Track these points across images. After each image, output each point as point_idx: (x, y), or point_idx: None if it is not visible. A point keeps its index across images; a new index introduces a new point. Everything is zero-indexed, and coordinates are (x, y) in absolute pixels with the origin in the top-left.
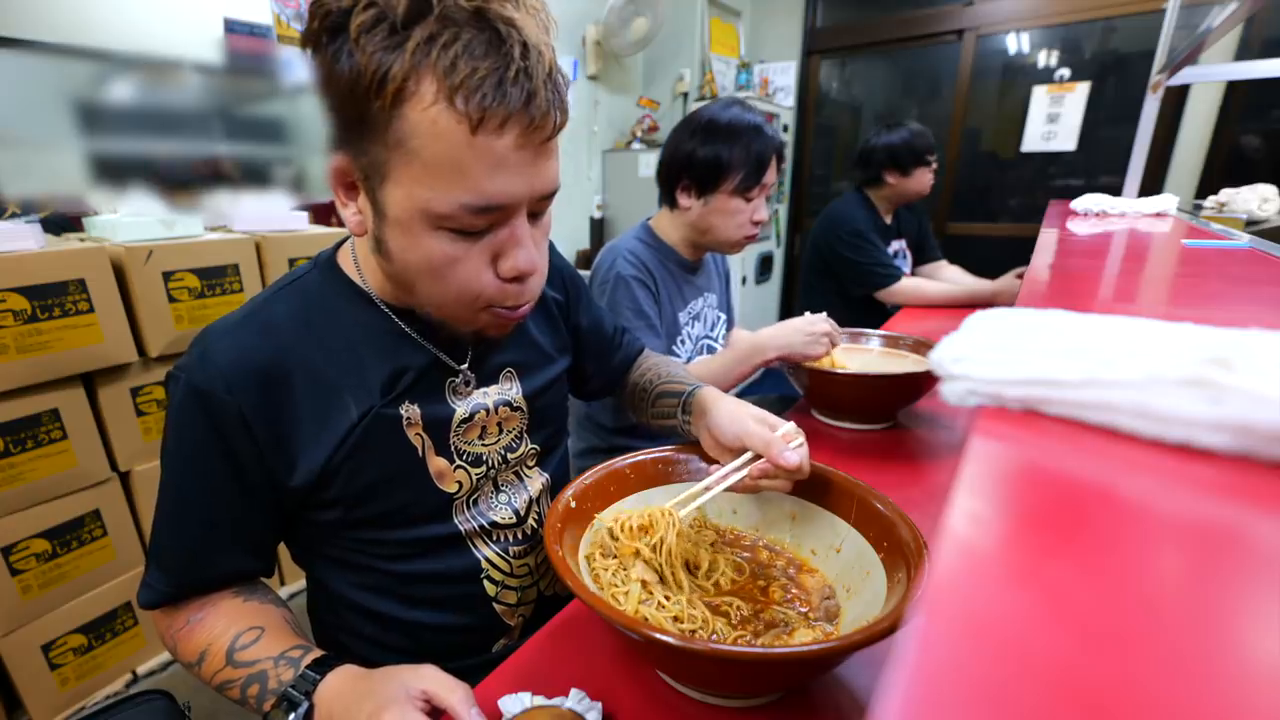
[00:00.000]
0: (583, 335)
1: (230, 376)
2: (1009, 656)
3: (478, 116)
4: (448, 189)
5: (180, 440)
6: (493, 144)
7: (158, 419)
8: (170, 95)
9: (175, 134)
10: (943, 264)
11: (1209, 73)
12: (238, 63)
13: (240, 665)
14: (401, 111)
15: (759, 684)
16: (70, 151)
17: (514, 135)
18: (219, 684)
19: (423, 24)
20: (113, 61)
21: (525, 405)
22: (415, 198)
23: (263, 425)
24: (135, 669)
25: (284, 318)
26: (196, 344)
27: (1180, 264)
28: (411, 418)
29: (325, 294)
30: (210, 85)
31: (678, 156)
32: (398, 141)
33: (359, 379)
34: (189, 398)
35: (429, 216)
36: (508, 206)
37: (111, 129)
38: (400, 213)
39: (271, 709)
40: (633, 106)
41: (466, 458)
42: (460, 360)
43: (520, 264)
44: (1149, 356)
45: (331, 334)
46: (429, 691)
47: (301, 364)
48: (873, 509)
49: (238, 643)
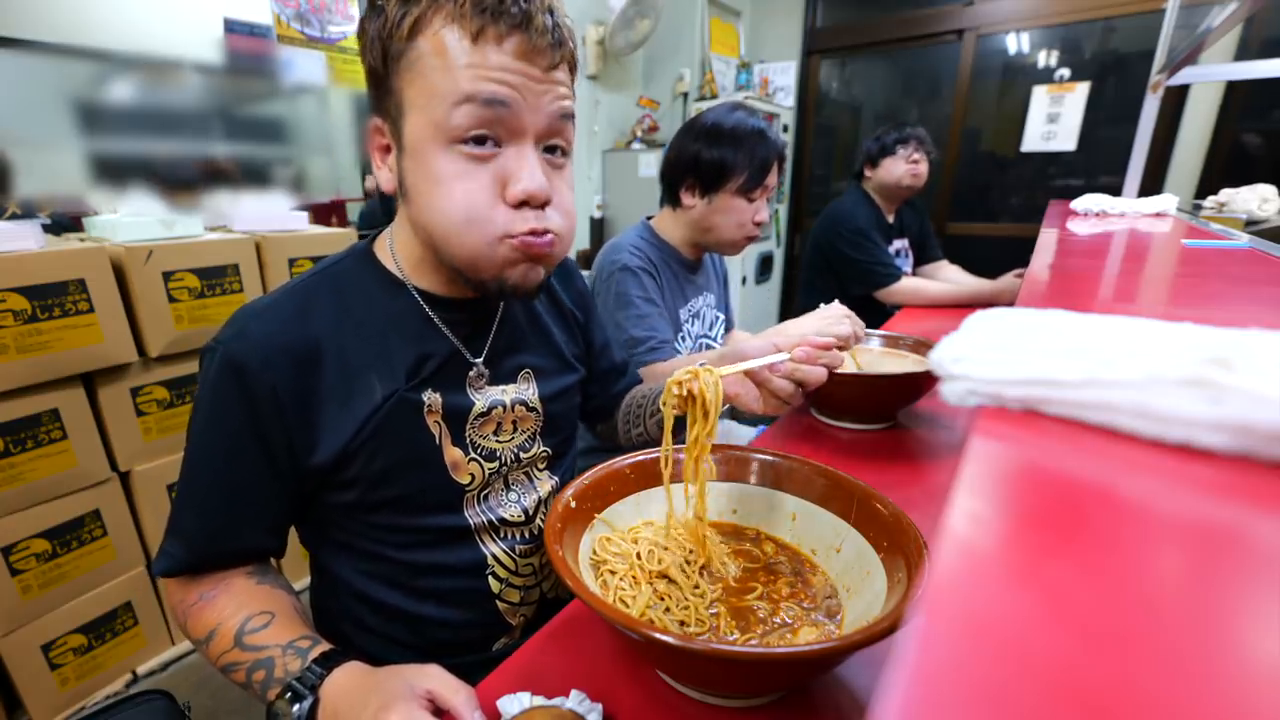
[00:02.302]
0: (594, 355)
1: (267, 353)
2: (1009, 656)
3: (477, 28)
4: (451, 94)
5: (212, 412)
6: (492, 53)
7: (158, 419)
8: (170, 95)
9: (175, 134)
10: (943, 264)
11: (1209, 73)
12: (238, 63)
13: (248, 649)
14: (416, 41)
15: (759, 684)
16: (70, 151)
17: (512, 46)
18: (224, 665)
19: None
20: (113, 61)
21: (541, 407)
22: (427, 116)
23: (293, 403)
24: (135, 669)
25: (319, 301)
26: (234, 321)
27: (1180, 264)
28: (432, 405)
29: (359, 279)
30: (210, 85)
31: (683, 158)
32: (411, 66)
33: (385, 362)
34: (225, 371)
35: (438, 132)
36: (508, 107)
37: (111, 129)
38: (416, 138)
39: (276, 699)
40: (633, 106)
41: (481, 451)
42: (477, 354)
43: (529, 185)
44: (1149, 356)
45: (363, 318)
46: (433, 691)
47: (333, 346)
48: (873, 509)
49: (247, 626)
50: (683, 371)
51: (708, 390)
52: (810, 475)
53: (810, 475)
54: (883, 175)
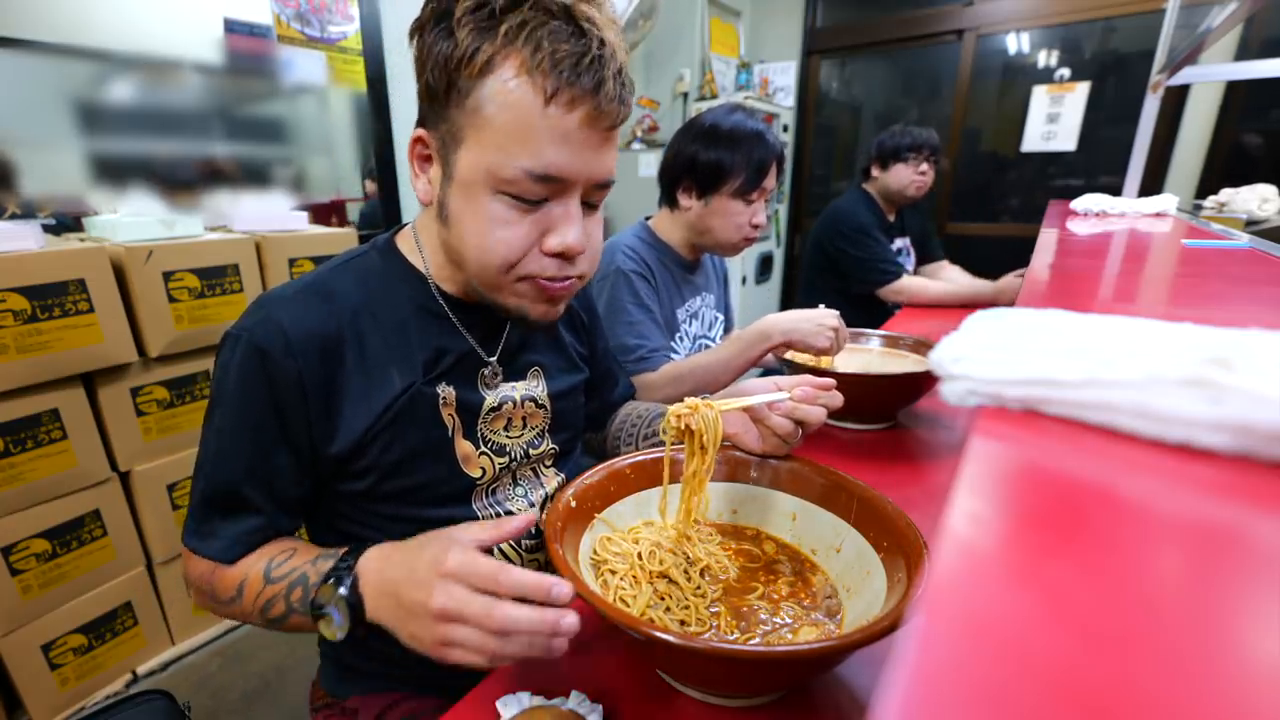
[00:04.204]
0: (596, 360)
1: (292, 340)
2: (1009, 656)
3: (552, 89)
4: (514, 153)
5: (241, 397)
6: (561, 118)
7: (158, 419)
8: (170, 95)
9: (175, 134)
10: (944, 264)
11: (1209, 73)
12: (238, 63)
13: (279, 579)
14: (485, 81)
15: (759, 683)
16: (70, 151)
17: (581, 114)
18: (263, 605)
19: (517, 11)
20: (113, 61)
21: (549, 404)
22: (483, 160)
23: (316, 391)
24: (135, 669)
25: (342, 291)
26: (257, 309)
27: (1180, 264)
28: (447, 398)
29: (382, 272)
30: (210, 85)
31: (681, 159)
32: (476, 108)
33: (405, 354)
34: (250, 356)
35: (492, 179)
36: (565, 180)
37: (111, 129)
38: (467, 174)
39: (317, 593)
40: (633, 106)
41: (491, 446)
42: (491, 352)
43: (569, 240)
44: (1149, 356)
45: (385, 310)
46: (476, 537)
47: (355, 336)
48: (873, 509)
49: (273, 562)
50: (682, 405)
51: (706, 428)
52: (810, 475)
53: (810, 475)
54: (889, 180)
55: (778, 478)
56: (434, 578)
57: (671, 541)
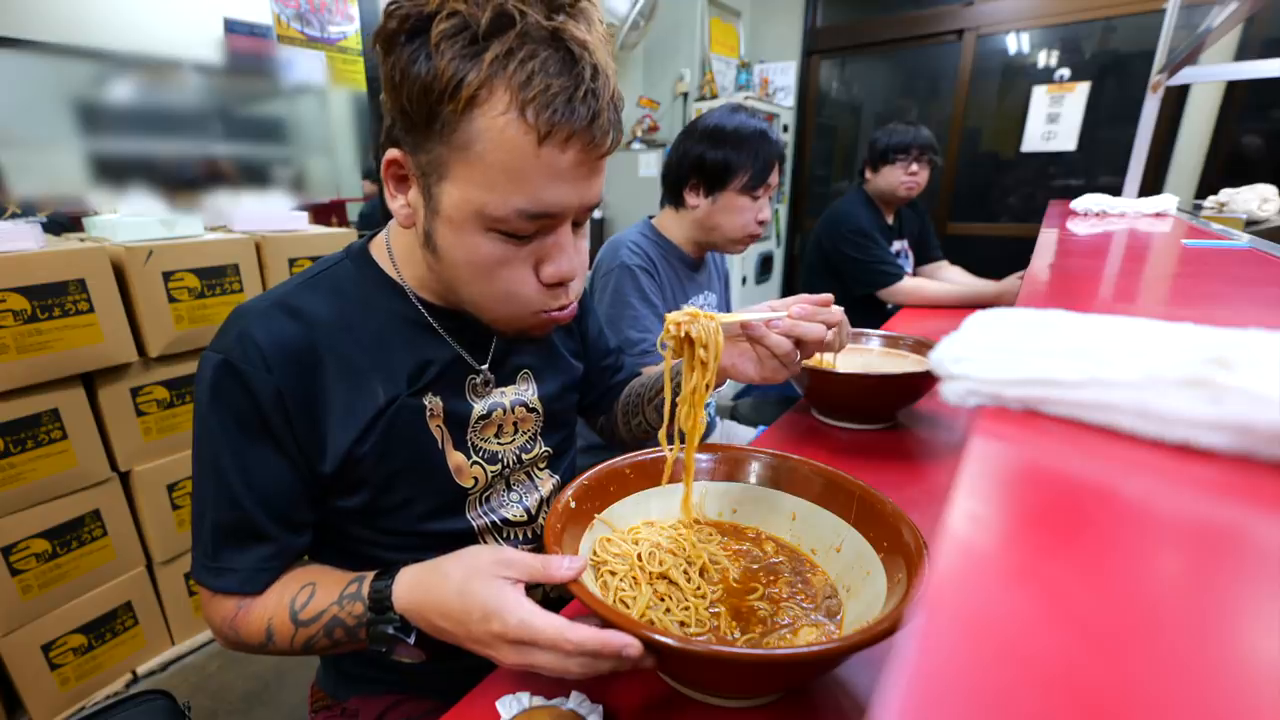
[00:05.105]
0: (590, 347)
1: (269, 356)
2: (1009, 657)
3: (546, 129)
4: (506, 194)
5: (222, 417)
6: (555, 157)
7: (158, 419)
8: (170, 95)
9: (175, 134)
10: (944, 264)
11: (1209, 73)
12: (238, 63)
13: (311, 622)
14: (471, 116)
15: (759, 684)
16: (70, 151)
17: (576, 150)
18: (302, 645)
19: (502, 38)
20: (113, 61)
21: (541, 407)
22: (472, 199)
23: (298, 407)
24: (135, 669)
25: (317, 304)
26: (231, 325)
27: (1180, 264)
28: (434, 409)
29: (357, 283)
30: (210, 85)
31: (687, 159)
32: (464, 144)
33: (386, 367)
34: (228, 377)
35: (483, 218)
36: (559, 215)
37: (111, 129)
38: (455, 211)
39: (367, 635)
40: (633, 106)
41: (483, 454)
42: (481, 360)
43: (563, 270)
44: (1149, 357)
45: (362, 322)
46: (523, 575)
47: (333, 350)
48: (873, 509)
49: (296, 604)
50: (680, 313)
51: (705, 338)
52: (809, 475)
53: (809, 475)
54: (880, 182)
55: (777, 477)
56: (497, 641)
57: (671, 541)
